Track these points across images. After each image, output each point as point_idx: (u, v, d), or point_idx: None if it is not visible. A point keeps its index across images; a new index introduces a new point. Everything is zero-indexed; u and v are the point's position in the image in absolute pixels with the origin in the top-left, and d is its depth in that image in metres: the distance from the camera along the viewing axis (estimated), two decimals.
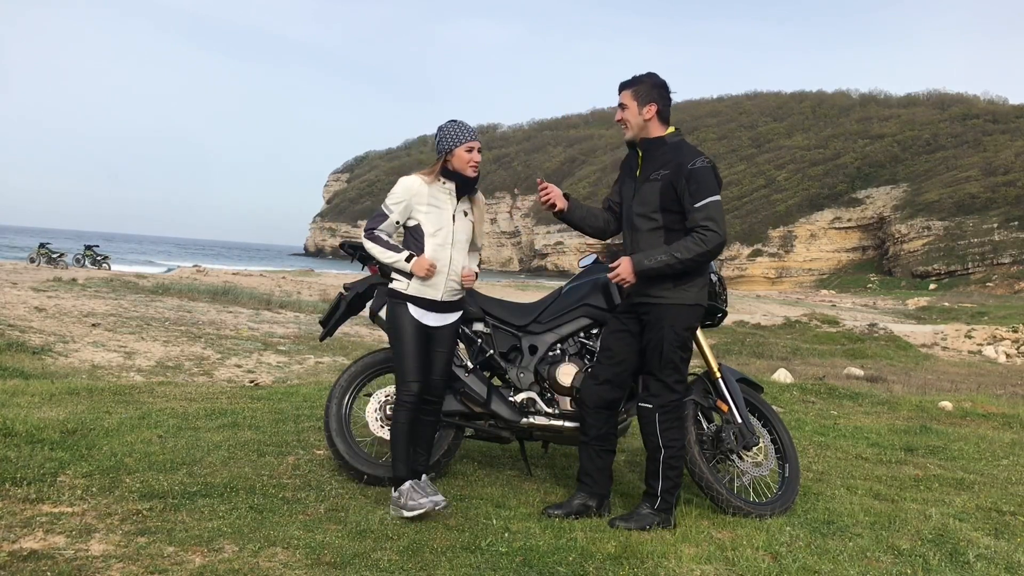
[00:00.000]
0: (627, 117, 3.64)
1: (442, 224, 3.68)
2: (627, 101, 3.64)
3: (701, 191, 3.46)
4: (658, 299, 3.59)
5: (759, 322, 25.24)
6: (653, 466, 3.65)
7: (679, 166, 3.51)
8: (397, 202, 3.67)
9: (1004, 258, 67.20)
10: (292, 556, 2.94)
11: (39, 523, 3.08)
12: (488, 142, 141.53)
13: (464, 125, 3.71)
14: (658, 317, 3.59)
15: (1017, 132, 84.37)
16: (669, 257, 3.45)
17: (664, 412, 3.62)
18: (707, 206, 3.45)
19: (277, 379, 9.64)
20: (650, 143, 3.64)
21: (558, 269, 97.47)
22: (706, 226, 3.44)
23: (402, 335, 3.67)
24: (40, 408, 5.12)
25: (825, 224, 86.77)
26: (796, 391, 8.19)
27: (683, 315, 3.61)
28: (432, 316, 3.71)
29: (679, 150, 3.59)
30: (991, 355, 19.58)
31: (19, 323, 12.31)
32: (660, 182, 3.55)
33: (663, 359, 3.60)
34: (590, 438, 3.76)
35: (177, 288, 21.50)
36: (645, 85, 3.63)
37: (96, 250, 39.00)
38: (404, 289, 3.68)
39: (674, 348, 3.61)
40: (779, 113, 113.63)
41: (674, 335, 3.59)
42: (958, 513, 4.02)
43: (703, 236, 3.44)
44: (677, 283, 3.56)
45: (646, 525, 3.53)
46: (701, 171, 3.49)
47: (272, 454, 4.32)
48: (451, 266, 3.70)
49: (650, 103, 3.60)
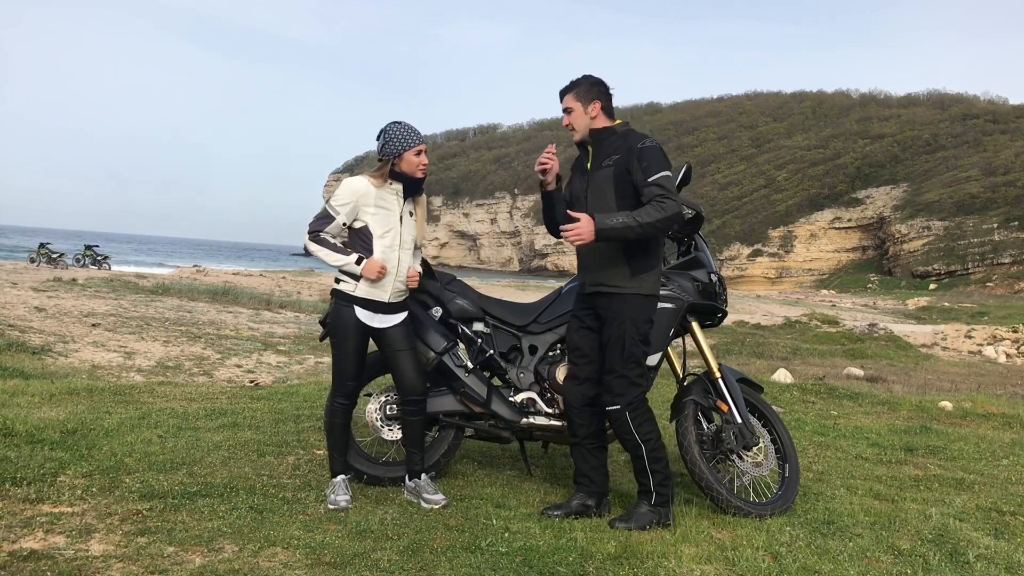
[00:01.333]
0: (574, 120, 3.68)
1: (390, 225, 3.67)
2: (571, 104, 3.67)
3: (653, 167, 3.47)
4: (615, 288, 3.58)
5: (759, 322, 25.25)
6: (639, 464, 3.65)
7: (629, 148, 3.54)
8: (344, 204, 3.62)
9: (1004, 258, 67.25)
10: (292, 556, 2.94)
11: (39, 523, 3.08)
12: (488, 142, 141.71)
13: (411, 128, 3.69)
14: (618, 310, 3.58)
15: (1017, 132, 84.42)
16: (629, 219, 3.41)
17: (633, 409, 3.60)
18: (661, 179, 3.45)
19: (277, 379, 9.64)
20: (600, 133, 3.66)
21: (558, 269, 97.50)
22: (664, 195, 3.43)
23: (344, 337, 3.67)
24: (40, 408, 5.12)
25: (825, 224, 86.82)
26: (796, 391, 8.20)
27: (642, 306, 3.59)
28: (379, 318, 3.70)
29: (627, 136, 3.62)
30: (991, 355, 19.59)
31: (19, 323, 12.31)
32: (613, 167, 3.57)
33: (625, 353, 3.58)
34: (580, 438, 3.76)
35: (177, 288, 21.50)
36: (584, 86, 3.66)
37: (96, 250, 39.01)
38: (352, 291, 3.65)
39: (636, 342, 3.58)
40: (779, 113, 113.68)
41: (635, 329, 3.58)
42: (958, 513, 4.02)
43: (661, 204, 3.42)
44: (634, 272, 3.56)
45: (646, 524, 3.52)
46: (651, 149, 3.51)
47: (272, 454, 4.32)
48: (399, 267, 3.70)
49: (593, 101, 3.64)
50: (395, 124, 3.70)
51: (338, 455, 3.75)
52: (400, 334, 3.76)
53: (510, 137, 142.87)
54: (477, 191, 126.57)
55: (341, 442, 3.77)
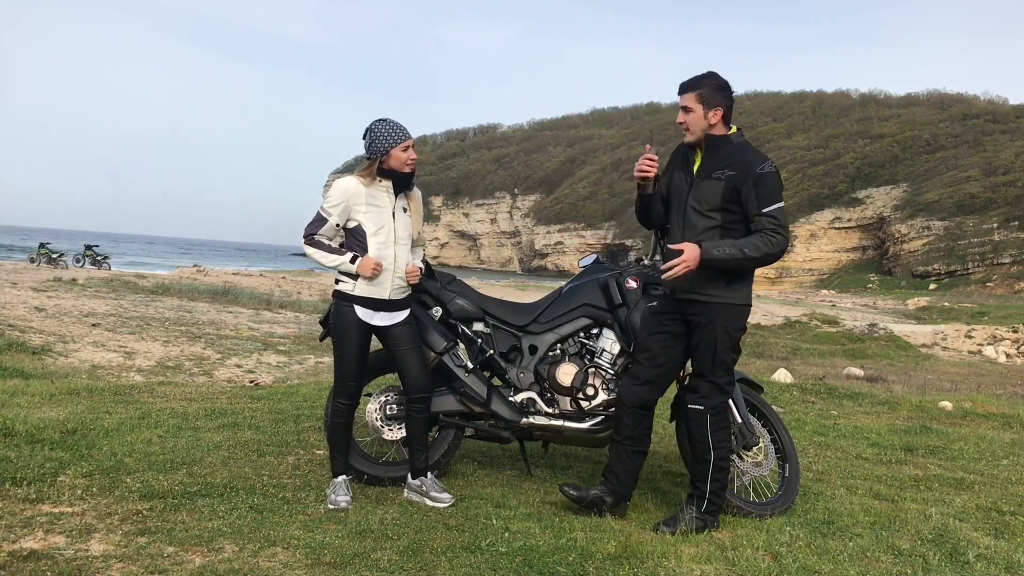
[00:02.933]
0: (691, 121, 3.53)
1: (383, 222, 3.67)
2: (692, 104, 3.52)
3: (770, 196, 3.41)
4: (710, 298, 3.53)
5: (759, 322, 25.24)
6: (702, 468, 3.61)
7: (747, 169, 3.43)
8: (335, 205, 3.63)
9: (1004, 258, 67.21)
10: (292, 556, 2.94)
11: (39, 523, 3.08)
12: (488, 142, 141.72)
13: (397, 125, 3.68)
14: (711, 318, 3.54)
15: (1017, 132, 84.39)
16: (737, 251, 3.38)
17: (715, 413, 3.60)
18: (776, 212, 3.41)
19: (277, 379, 9.64)
20: (715, 140, 3.54)
21: (558, 269, 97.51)
22: (775, 229, 3.39)
23: (345, 337, 3.68)
24: (40, 408, 5.12)
25: (825, 224, 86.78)
26: (796, 391, 8.20)
27: (735, 315, 3.57)
28: (380, 316, 3.71)
29: (745, 151, 3.51)
30: (991, 355, 19.59)
31: (19, 323, 12.31)
32: (723, 182, 3.46)
33: (716, 360, 3.56)
34: (623, 437, 3.72)
35: (177, 288, 21.50)
36: (709, 87, 3.52)
37: (96, 250, 39.00)
38: (351, 290, 3.66)
39: (726, 349, 3.57)
40: (779, 113, 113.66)
41: (727, 336, 3.55)
42: (958, 513, 4.02)
43: (772, 239, 3.39)
44: (729, 282, 3.52)
45: (686, 529, 3.50)
46: (769, 176, 3.43)
47: (272, 454, 4.32)
48: (396, 263, 3.70)
49: (716, 107, 3.50)
50: (380, 121, 3.69)
51: (339, 456, 3.75)
52: (405, 332, 3.77)
53: (510, 137, 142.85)
54: (477, 191, 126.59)
55: (343, 443, 3.77)
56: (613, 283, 4.12)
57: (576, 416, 4.00)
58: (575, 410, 4.00)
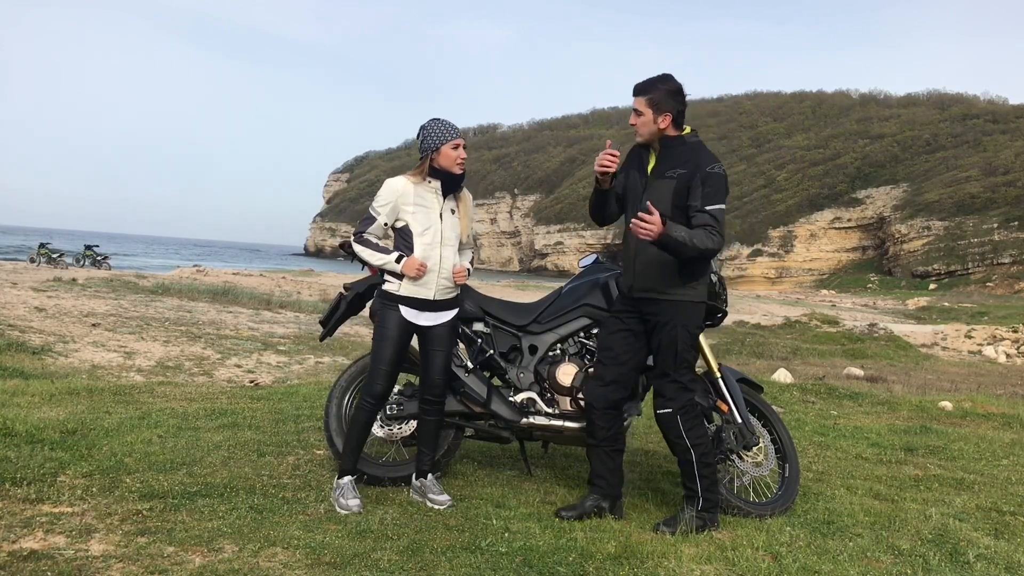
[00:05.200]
0: (641, 125, 3.59)
1: (430, 223, 3.69)
2: (642, 108, 3.58)
3: (714, 196, 3.47)
4: (667, 295, 3.57)
5: (759, 322, 25.24)
6: (687, 468, 3.63)
7: (698, 167, 3.50)
8: (384, 204, 3.66)
9: (1004, 258, 67.23)
10: (292, 556, 2.94)
11: (39, 523, 3.08)
12: (488, 142, 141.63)
13: (448, 123, 3.71)
14: (670, 316, 3.57)
15: (1017, 132, 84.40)
16: (688, 238, 3.41)
17: (685, 412, 3.61)
18: (717, 213, 3.46)
19: (277, 379, 9.64)
20: (669, 140, 3.60)
21: (558, 269, 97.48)
22: (715, 228, 3.43)
23: (385, 338, 3.67)
24: (40, 408, 5.12)
25: (825, 224, 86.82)
26: (796, 391, 8.20)
27: (692, 313, 3.60)
28: (426, 316, 3.72)
29: (698, 151, 3.57)
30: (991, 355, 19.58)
31: (19, 323, 12.31)
32: (676, 180, 3.52)
33: (678, 358, 3.59)
34: (599, 440, 3.74)
35: (177, 288, 21.50)
36: (660, 92, 3.55)
37: (96, 250, 39.00)
38: (396, 290, 3.67)
39: (687, 347, 3.60)
40: (779, 113, 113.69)
41: (687, 333, 3.58)
42: (958, 513, 4.02)
43: (712, 236, 3.43)
44: (686, 280, 3.55)
45: (692, 530, 3.50)
46: (717, 176, 3.48)
47: (272, 454, 4.32)
48: (442, 264, 3.70)
49: (665, 113, 3.54)
50: (433, 120, 3.73)
51: (352, 454, 3.71)
52: (445, 333, 3.79)
53: (510, 137, 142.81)
54: (477, 191, 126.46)
55: (359, 441, 3.74)
56: (613, 283, 4.12)
57: (576, 416, 4.00)
58: (575, 410, 4.00)
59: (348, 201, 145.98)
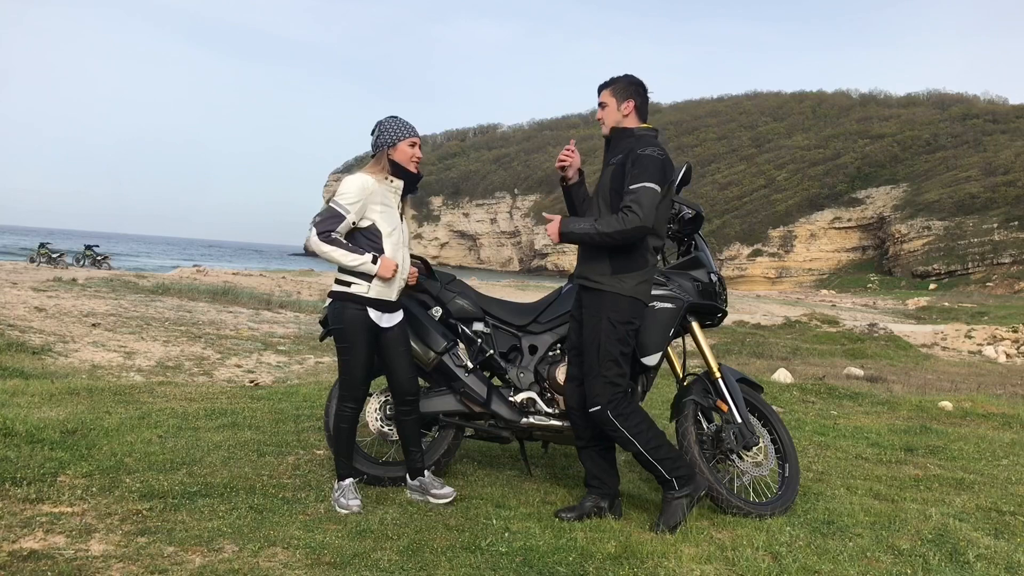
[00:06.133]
0: (605, 115, 3.71)
1: (395, 223, 3.68)
2: (606, 99, 3.71)
3: (639, 176, 3.45)
4: (594, 284, 3.58)
5: (759, 322, 25.24)
6: (642, 459, 3.61)
7: (631, 151, 3.55)
8: (354, 202, 3.54)
9: (1004, 258, 67.20)
10: (292, 556, 2.94)
11: (39, 523, 3.08)
12: (488, 142, 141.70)
13: (405, 121, 3.72)
14: (596, 306, 3.57)
15: (1017, 132, 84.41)
16: (591, 227, 3.46)
17: (615, 407, 3.55)
18: (638, 190, 3.42)
19: (277, 379, 9.64)
20: (618, 132, 3.69)
21: (558, 269, 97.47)
22: (630, 207, 3.40)
23: (356, 341, 3.61)
24: (40, 408, 5.12)
25: (825, 224, 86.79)
26: (796, 391, 8.19)
27: (620, 306, 3.54)
28: (387, 317, 3.71)
29: (640, 139, 3.62)
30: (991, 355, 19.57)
31: (19, 323, 12.31)
32: (614, 166, 3.60)
33: (601, 352, 3.53)
34: (585, 440, 3.75)
35: (177, 288, 21.50)
36: (622, 83, 3.70)
37: (96, 250, 39.01)
38: (365, 293, 3.59)
39: (612, 341, 3.53)
40: (779, 113, 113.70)
41: (611, 327, 3.53)
42: (958, 513, 4.02)
43: (625, 216, 3.40)
44: (616, 270, 3.54)
45: (682, 513, 3.52)
46: (646, 158, 3.48)
47: (272, 454, 4.32)
48: (403, 265, 3.72)
49: (628, 99, 3.66)
50: (390, 117, 3.73)
51: (345, 459, 3.71)
52: (400, 333, 3.77)
53: (510, 137, 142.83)
54: (477, 191, 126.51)
55: (349, 446, 3.73)
56: None
57: None
58: None
59: None
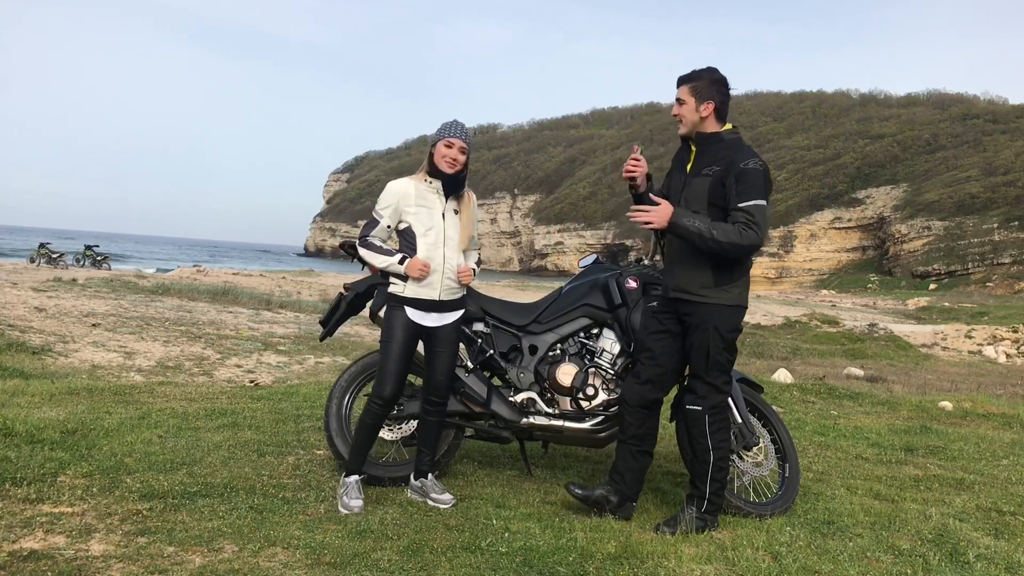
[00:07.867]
0: (683, 113, 3.58)
1: (432, 223, 3.70)
2: (685, 97, 3.58)
3: (748, 192, 3.38)
4: (699, 298, 3.53)
5: (759, 322, 25.23)
6: (702, 468, 3.60)
7: (731, 163, 3.44)
8: (386, 207, 3.69)
9: (1004, 258, 67.16)
10: (292, 556, 2.94)
11: (39, 523, 3.08)
12: (488, 142, 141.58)
13: (452, 123, 3.74)
14: (702, 318, 3.53)
15: (1017, 132, 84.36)
16: (705, 228, 3.36)
17: (713, 414, 3.59)
18: (752, 209, 3.37)
19: (277, 379, 9.64)
20: (705, 138, 3.57)
21: (558, 269, 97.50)
22: (749, 223, 3.36)
23: (392, 339, 3.67)
24: (40, 408, 5.12)
25: (825, 224, 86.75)
26: (796, 391, 8.19)
27: (727, 316, 3.54)
28: (432, 316, 3.72)
29: (734, 148, 3.52)
30: (991, 355, 19.56)
31: (19, 323, 12.30)
32: (711, 178, 3.48)
33: (710, 361, 3.55)
34: (628, 436, 3.73)
35: (177, 288, 21.49)
36: (704, 81, 3.55)
37: (96, 250, 39.00)
38: (401, 292, 3.69)
39: (720, 350, 3.55)
40: (779, 113, 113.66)
41: (719, 337, 3.53)
42: (958, 513, 4.02)
43: (743, 231, 3.36)
44: (719, 283, 3.50)
45: (685, 528, 3.50)
46: (752, 172, 3.41)
47: (272, 454, 4.32)
48: (445, 264, 3.71)
49: (708, 100, 3.53)
50: (449, 120, 3.78)
51: (359, 455, 3.70)
52: (450, 334, 3.79)
53: (510, 137, 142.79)
54: (477, 191, 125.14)
55: (367, 443, 3.72)
56: (613, 283, 4.12)
57: (576, 416, 4.00)
58: (575, 410, 4.01)
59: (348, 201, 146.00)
